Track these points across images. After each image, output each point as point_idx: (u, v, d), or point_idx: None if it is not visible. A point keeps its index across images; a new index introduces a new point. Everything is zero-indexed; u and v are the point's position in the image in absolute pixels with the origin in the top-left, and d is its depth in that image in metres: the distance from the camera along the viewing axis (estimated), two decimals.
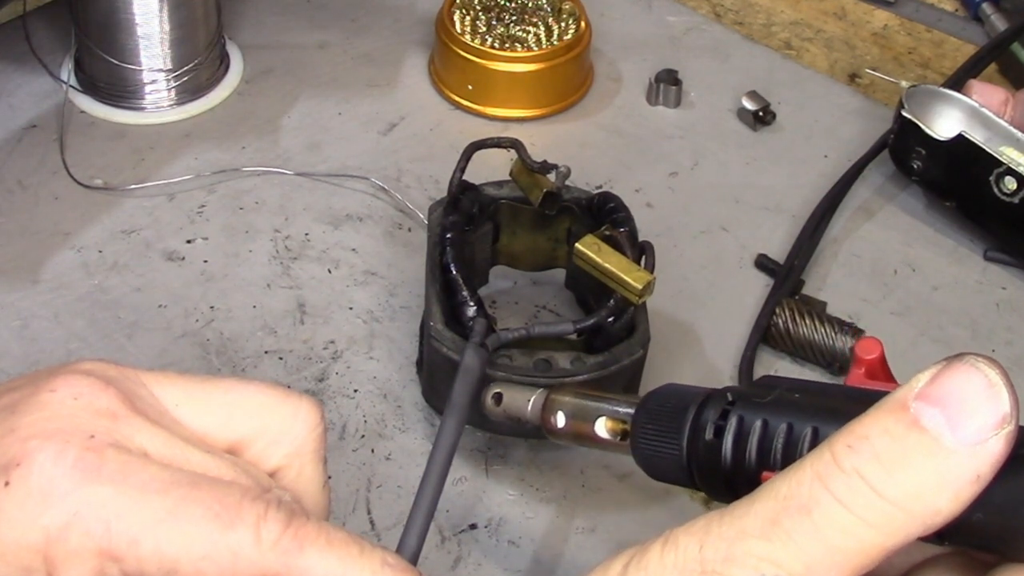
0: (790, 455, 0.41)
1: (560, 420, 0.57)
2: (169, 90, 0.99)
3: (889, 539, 0.34)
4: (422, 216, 0.91)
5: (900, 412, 0.35)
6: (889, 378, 0.49)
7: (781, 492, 0.36)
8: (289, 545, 0.42)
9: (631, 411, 0.52)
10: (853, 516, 0.34)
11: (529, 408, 0.60)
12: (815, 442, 0.40)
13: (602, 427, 0.54)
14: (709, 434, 0.45)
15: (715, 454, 0.44)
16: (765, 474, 0.42)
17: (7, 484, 0.41)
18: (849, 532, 0.34)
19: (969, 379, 0.34)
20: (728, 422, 0.44)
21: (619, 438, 0.53)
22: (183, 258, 0.88)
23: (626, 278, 0.73)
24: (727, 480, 0.44)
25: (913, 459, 0.34)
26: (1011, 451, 0.35)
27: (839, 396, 0.43)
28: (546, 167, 0.80)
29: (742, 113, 1.03)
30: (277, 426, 0.47)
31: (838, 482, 0.35)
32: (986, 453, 0.34)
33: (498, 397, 0.62)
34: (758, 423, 0.43)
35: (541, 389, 0.60)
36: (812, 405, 0.42)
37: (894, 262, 0.93)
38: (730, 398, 0.45)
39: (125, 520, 0.41)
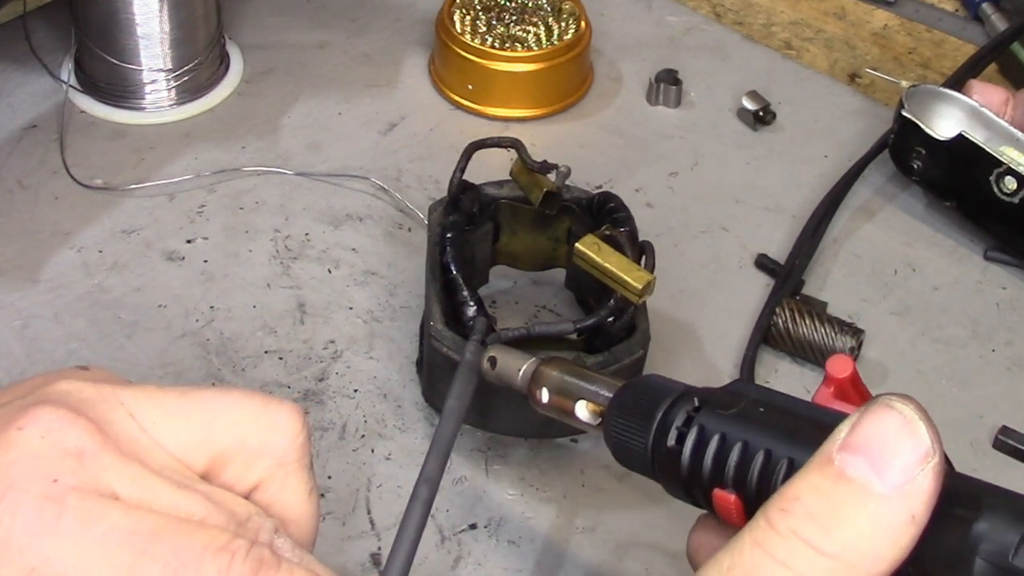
0: (741, 475, 0.42)
1: (544, 395, 0.59)
2: (169, 90, 0.99)
3: None
4: (422, 216, 0.91)
5: (826, 467, 0.34)
6: (862, 396, 0.50)
7: (724, 564, 0.36)
8: None
9: (610, 396, 0.54)
10: None
11: (519, 377, 0.62)
12: (766, 465, 0.41)
13: (582, 408, 0.56)
14: (671, 440, 0.46)
15: (675, 460, 0.46)
16: (716, 491, 0.43)
17: None
18: None
19: (885, 421, 0.34)
20: (689, 430, 0.45)
21: (598, 420, 0.55)
22: (183, 258, 0.88)
23: (626, 278, 0.73)
24: (684, 486, 0.46)
25: (846, 511, 0.34)
26: (942, 486, 0.34)
27: (802, 417, 0.43)
28: (546, 167, 0.80)
29: (742, 113, 1.03)
30: (258, 437, 0.46)
31: (777, 545, 0.34)
32: (917, 492, 0.33)
33: (493, 360, 0.65)
34: (716, 437, 0.44)
35: (533, 359, 0.62)
36: (772, 424, 0.43)
37: (894, 262, 0.93)
38: (696, 403, 0.47)
39: None
